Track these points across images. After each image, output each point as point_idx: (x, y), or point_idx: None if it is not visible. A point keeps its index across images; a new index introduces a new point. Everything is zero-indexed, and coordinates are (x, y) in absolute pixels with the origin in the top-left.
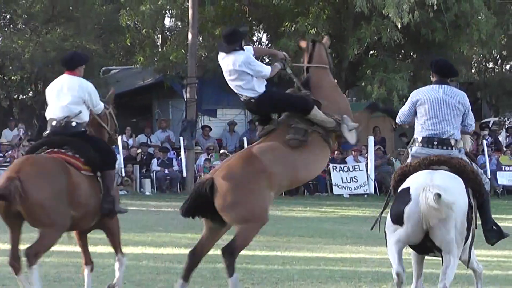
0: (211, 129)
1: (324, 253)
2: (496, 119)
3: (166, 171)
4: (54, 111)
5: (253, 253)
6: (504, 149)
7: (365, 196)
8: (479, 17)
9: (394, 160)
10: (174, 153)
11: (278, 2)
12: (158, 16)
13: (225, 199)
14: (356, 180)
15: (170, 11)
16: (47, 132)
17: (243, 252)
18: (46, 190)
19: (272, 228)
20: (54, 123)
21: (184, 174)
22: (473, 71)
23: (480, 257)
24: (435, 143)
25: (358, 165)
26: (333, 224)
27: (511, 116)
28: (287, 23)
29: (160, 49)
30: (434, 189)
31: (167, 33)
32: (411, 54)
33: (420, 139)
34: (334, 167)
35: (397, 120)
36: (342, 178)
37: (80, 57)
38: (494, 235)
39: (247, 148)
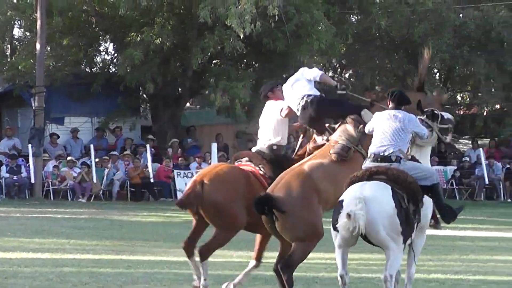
0: (58, 137)
1: (169, 257)
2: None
3: (15, 177)
4: (259, 134)
5: (99, 257)
6: None
7: None
8: (319, 27)
9: None
10: (23, 160)
11: (124, 13)
12: (7, 26)
13: (285, 221)
14: None
15: (19, 21)
16: (256, 149)
17: (89, 256)
18: (223, 194)
19: (118, 233)
20: (259, 143)
21: (33, 181)
22: None
23: (320, 260)
24: (379, 159)
25: None
26: (177, 229)
27: None
28: (133, 33)
29: (9, 59)
30: (357, 205)
31: (16, 43)
32: (253, 63)
33: (370, 154)
34: (178, 173)
35: (366, 129)
36: (186, 184)
37: (270, 83)
38: (449, 215)
39: (299, 165)
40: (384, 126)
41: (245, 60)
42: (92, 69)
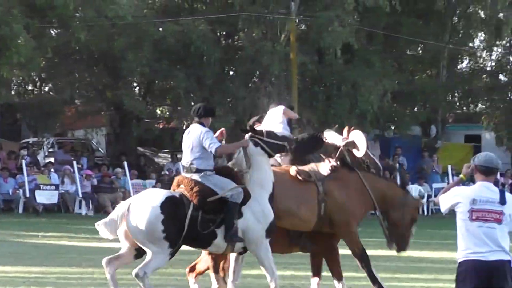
0: None
1: None
2: (36, 139)
3: None
4: None
5: None
6: (42, 168)
7: None
8: (19, 41)
9: None
10: None
11: None
12: None
13: None
14: None
15: None
16: None
17: None
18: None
19: None
20: None
21: None
22: (13, 93)
23: (20, 273)
24: (185, 170)
25: None
26: None
27: (49, 136)
28: None
29: None
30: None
31: None
32: None
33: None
34: None
35: None
36: None
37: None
38: (228, 235)
39: None
40: (185, 140)
41: None
42: None
